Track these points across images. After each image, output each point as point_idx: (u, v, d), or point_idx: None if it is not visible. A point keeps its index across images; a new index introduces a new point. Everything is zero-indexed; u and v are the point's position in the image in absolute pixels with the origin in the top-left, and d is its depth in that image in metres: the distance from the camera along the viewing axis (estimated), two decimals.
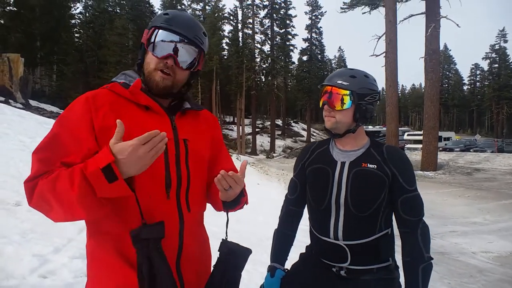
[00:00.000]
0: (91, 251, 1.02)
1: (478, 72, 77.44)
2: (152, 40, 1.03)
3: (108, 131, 0.94)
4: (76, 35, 34.64)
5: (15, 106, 11.23)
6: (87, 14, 36.06)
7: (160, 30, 1.03)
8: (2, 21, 25.89)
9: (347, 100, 1.34)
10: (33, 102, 15.68)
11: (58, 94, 28.44)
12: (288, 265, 1.55)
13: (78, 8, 35.44)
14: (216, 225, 1.53)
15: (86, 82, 30.64)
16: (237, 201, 1.11)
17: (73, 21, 33.79)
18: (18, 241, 2.66)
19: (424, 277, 1.29)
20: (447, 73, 76.35)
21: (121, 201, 0.92)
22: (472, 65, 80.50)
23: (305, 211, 1.58)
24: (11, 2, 26.68)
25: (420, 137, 18.82)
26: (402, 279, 1.38)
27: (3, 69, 13.17)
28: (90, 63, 33.21)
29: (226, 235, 1.13)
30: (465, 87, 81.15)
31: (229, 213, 1.15)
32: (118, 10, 35.88)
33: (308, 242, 1.56)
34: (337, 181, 1.37)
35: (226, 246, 1.09)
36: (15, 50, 18.56)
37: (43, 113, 12.88)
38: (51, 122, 9.20)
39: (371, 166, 1.34)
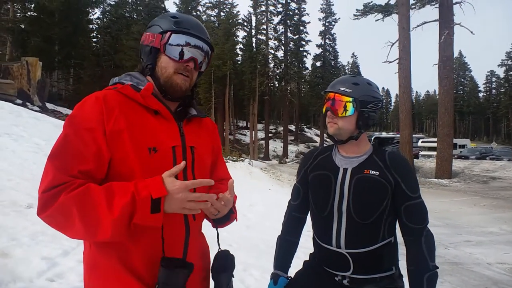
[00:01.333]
0: (93, 260, 0.99)
1: (494, 79, 75.86)
2: (171, 43, 1.02)
3: (119, 135, 0.93)
4: (93, 39, 35.56)
5: (32, 109, 11.55)
6: (104, 20, 37.03)
7: (178, 34, 1.02)
8: (22, 26, 26.77)
9: (350, 107, 1.34)
10: (49, 105, 16.10)
11: (75, 98, 29.09)
12: (292, 272, 1.53)
13: (96, 13, 36.43)
14: (226, 230, 1.50)
15: (102, 86, 30.93)
16: (227, 217, 1.11)
17: (90, 26, 34.66)
18: (27, 244, 2.69)
19: (429, 286, 1.26)
20: (462, 80, 74.98)
21: None
22: (488, 72, 78.72)
23: (309, 218, 1.56)
24: (31, 8, 27.61)
25: (435, 144, 18.47)
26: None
27: (22, 73, 13.58)
28: (107, 67, 33.96)
29: (219, 247, 1.15)
30: (480, 94, 79.52)
31: (235, 220, 1.16)
32: (134, 16, 36.70)
33: (312, 250, 1.53)
34: (339, 188, 1.36)
35: (222, 259, 1.14)
36: (34, 54, 19.16)
37: (59, 116, 13.20)
38: None
39: (374, 172, 1.33)
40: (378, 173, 1.32)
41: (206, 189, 1.16)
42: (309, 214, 1.55)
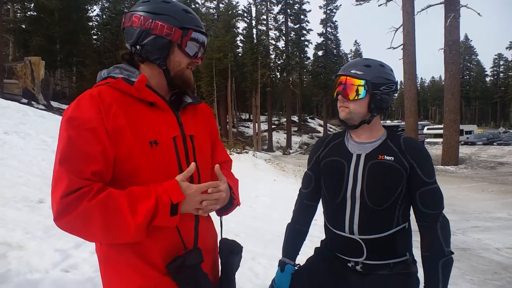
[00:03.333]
0: (105, 253, 1.00)
1: (501, 62, 74.40)
2: (192, 41, 1.03)
3: (120, 132, 0.93)
4: (94, 37, 35.51)
5: (37, 108, 11.64)
6: (103, 16, 36.89)
7: (197, 33, 1.04)
8: (23, 26, 26.81)
9: (362, 90, 1.31)
10: (54, 103, 16.21)
11: (78, 95, 29.24)
12: (303, 259, 1.54)
13: (95, 10, 36.37)
14: (233, 220, 1.53)
15: None
16: (229, 204, 1.12)
17: (90, 24, 34.61)
18: (41, 237, 2.76)
19: (444, 272, 1.25)
20: (468, 64, 73.76)
21: None
22: (495, 55, 77.13)
23: (320, 206, 1.56)
24: (31, 7, 27.60)
25: (441, 131, 18.32)
26: (420, 274, 1.34)
27: (26, 72, 13.67)
28: (108, 64, 33.91)
29: (221, 236, 1.18)
30: (487, 79, 78.24)
31: (244, 209, 1.16)
32: None
33: (323, 237, 1.53)
34: (352, 174, 1.34)
35: (226, 244, 1.16)
36: (36, 53, 19.23)
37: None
38: None
39: (388, 158, 1.30)
40: (393, 158, 1.30)
41: (210, 177, 1.17)
42: (320, 202, 1.54)
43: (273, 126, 38.15)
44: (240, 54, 39.57)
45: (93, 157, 0.89)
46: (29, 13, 28.05)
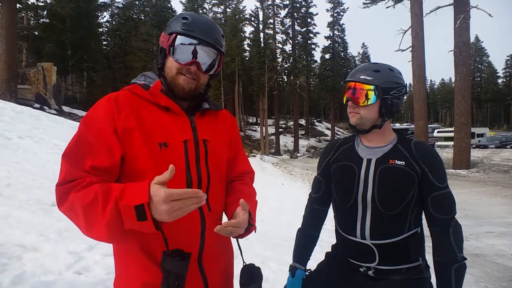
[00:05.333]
0: (116, 249, 1.05)
1: None
2: (175, 45, 1.03)
3: (130, 133, 0.97)
4: (104, 42, 36.08)
5: (49, 112, 11.86)
6: (113, 22, 37.49)
7: (183, 37, 1.02)
8: (36, 33, 27.43)
9: (372, 95, 1.30)
10: (66, 108, 16.49)
11: (89, 100, 29.67)
12: (313, 265, 1.53)
13: (105, 17, 36.95)
14: (261, 210, 1.51)
15: (114, 87, 31.79)
16: (246, 229, 1.08)
17: (100, 30, 35.18)
18: (55, 239, 2.80)
19: (457, 278, 1.23)
20: (479, 66, 72.67)
21: None
22: (508, 56, 75.70)
23: (330, 211, 1.55)
24: (44, 14, 28.24)
25: (451, 134, 18.03)
26: (433, 280, 1.33)
27: (38, 78, 13.95)
28: (118, 69, 34.47)
29: (243, 259, 1.16)
30: (499, 80, 76.80)
31: (254, 232, 1.15)
32: (142, 17, 37.03)
33: (334, 242, 1.53)
34: (363, 179, 1.34)
35: (247, 272, 1.13)
36: (48, 59, 19.66)
37: (75, 118, 13.51)
38: None
39: (399, 162, 1.29)
40: (404, 163, 1.29)
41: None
42: (330, 206, 1.53)
43: (280, 130, 38.09)
44: (247, 58, 39.71)
45: (96, 152, 0.93)
46: (41, 20, 28.68)
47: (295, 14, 38.99)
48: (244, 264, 1.16)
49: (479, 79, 72.32)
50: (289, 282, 1.47)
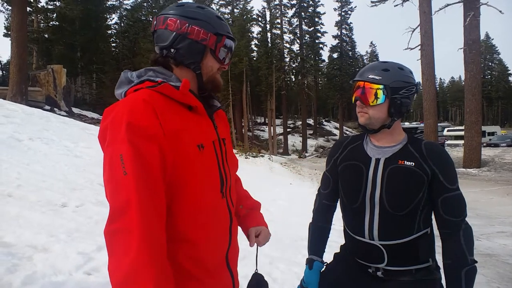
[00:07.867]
0: None
1: None
2: (224, 48, 1.05)
3: (176, 136, 0.90)
4: (112, 44, 36.53)
5: (59, 114, 12.04)
6: (122, 24, 37.93)
7: (229, 40, 1.07)
8: (46, 35, 27.91)
9: (381, 94, 1.28)
10: (75, 110, 16.73)
11: (98, 101, 30.07)
12: (325, 257, 1.53)
13: (113, 18, 37.40)
14: (269, 210, 1.54)
15: None
16: None
17: (109, 32, 35.63)
18: (64, 240, 2.83)
19: (467, 281, 1.20)
20: (490, 63, 71.43)
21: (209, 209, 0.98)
22: None
23: (338, 210, 1.54)
24: (54, 17, 28.72)
25: (462, 133, 17.79)
26: (444, 281, 1.30)
27: (48, 80, 14.20)
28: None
29: (257, 266, 1.24)
30: (511, 78, 75.40)
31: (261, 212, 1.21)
32: (150, 19, 37.35)
33: (343, 242, 1.52)
34: (371, 179, 1.32)
35: (256, 279, 1.21)
36: (58, 61, 19.98)
37: (84, 120, 13.70)
38: (92, 128, 9.74)
39: (409, 163, 1.27)
40: (413, 163, 1.26)
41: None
42: (338, 201, 1.53)
43: (288, 130, 38.05)
44: (255, 58, 39.75)
45: (158, 185, 0.86)
46: (51, 23, 29.17)
47: (303, 13, 38.92)
48: (256, 271, 1.22)
49: (489, 76, 71.10)
50: (307, 274, 1.45)
